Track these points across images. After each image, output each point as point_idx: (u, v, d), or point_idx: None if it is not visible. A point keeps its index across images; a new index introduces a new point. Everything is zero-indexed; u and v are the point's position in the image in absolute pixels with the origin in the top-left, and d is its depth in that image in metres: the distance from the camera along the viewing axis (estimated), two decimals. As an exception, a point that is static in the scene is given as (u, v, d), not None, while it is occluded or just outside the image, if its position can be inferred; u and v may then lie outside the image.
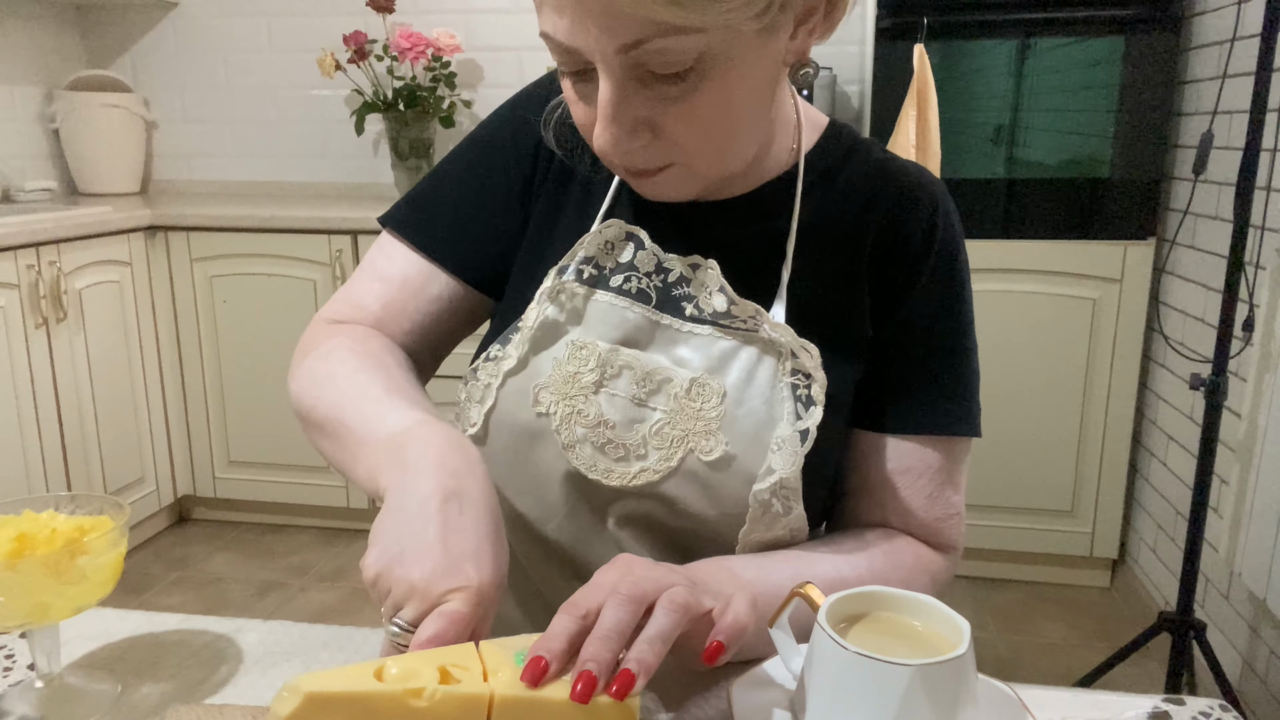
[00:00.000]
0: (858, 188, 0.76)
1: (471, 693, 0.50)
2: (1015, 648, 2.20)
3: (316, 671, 0.50)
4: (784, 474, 0.68)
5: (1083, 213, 2.26)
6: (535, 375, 0.73)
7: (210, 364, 2.68)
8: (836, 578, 0.70)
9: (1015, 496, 2.41)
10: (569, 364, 0.71)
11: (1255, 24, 1.86)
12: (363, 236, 2.52)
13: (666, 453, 0.70)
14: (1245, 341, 1.84)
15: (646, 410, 0.71)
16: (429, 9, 2.93)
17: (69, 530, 0.63)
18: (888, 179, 0.76)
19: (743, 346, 0.71)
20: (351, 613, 2.35)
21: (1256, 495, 1.77)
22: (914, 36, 2.17)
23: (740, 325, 0.71)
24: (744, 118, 0.64)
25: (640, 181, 0.67)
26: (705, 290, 0.72)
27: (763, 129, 0.71)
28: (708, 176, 0.67)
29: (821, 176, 0.76)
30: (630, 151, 0.63)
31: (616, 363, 0.71)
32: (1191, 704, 0.63)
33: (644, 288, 0.73)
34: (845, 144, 0.78)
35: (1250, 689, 1.85)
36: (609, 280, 0.74)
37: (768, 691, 0.59)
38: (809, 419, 0.69)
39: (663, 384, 0.71)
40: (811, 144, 0.78)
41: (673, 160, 0.65)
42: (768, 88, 0.65)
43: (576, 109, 0.65)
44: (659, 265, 0.73)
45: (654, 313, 0.73)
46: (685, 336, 0.72)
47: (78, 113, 2.93)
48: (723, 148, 0.65)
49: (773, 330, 0.70)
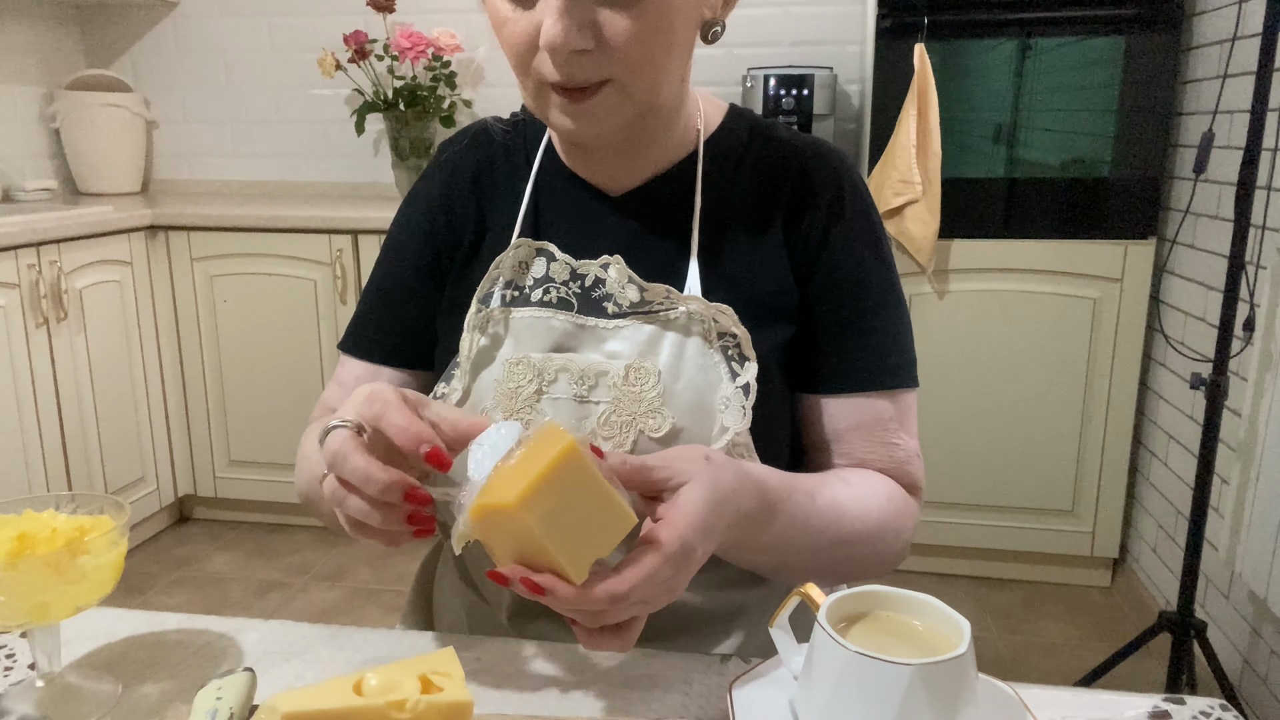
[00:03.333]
0: (763, 165, 0.81)
1: (455, 700, 0.50)
2: (1015, 648, 2.20)
3: (293, 690, 0.49)
4: (736, 428, 0.72)
5: (1083, 212, 2.26)
6: (481, 400, 0.77)
7: (211, 363, 2.68)
8: (844, 490, 0.74)
9: (1015, 496, 2.41)
10: (508, 381, 0.76)
11: (1255, 23, 1.86)
12: (363, 236, 2.52)
13: (618, 439, 0.74)
14: (1246, 341, 1.84)
15: (590, 405, 0.75)
16: (429, 9, 2.93)
17: (69, 530, 0.63)
18: (792, 152, 0.81)
19: (666, 329, 0.75)
20: (352, 612, 2.35)
21: (1257, 495, 1.77)
22: (915, 36, 2.17)
23: (659, 308, 0.76)
24: (677, 43, 0.70)
25: (576, 110, 0.70)
26: (619, 285, 0.77)
27: (682, 69, 0.75)
28: (637, 103, 0.71)
29: (726, 157, 0.81)
30: (572, 58, 0.67)
31: (552, 369, 0.75)
32: (1192, 704, 0.63)
33: (564, 296, 0.78)
34: (747, 125, 0.83)
35: (1250, 689, 1.85)
36: (529, 297, 0.78)
37: (768, 691, 0.59)
38: (746, 374, 0.74)
39: (600, 378, 0.75)
40: (714, 127, 0.83)
41: (610, 75, 0.68)
42: (695, 23, 0.72)
43: (512, 28, 0.69)
44: (573, 273, 0.78)
45: (577, 317, 0.77)
46: (611, 332, 0.76)
47: (78, 112, 2.93)
48: (658, 66, 0.69)
49: (686, 303, 0.74)
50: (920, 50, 2.15)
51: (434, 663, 0.52)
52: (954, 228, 2.27)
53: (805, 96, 2.45)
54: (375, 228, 2.50)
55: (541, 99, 0.71)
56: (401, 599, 2.36)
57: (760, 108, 2.47)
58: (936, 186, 2.19)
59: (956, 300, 2.31)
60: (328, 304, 2.58)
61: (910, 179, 2.19)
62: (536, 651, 0.70)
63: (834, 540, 0.72)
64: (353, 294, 2.56)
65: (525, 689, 0.66)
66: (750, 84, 2.50)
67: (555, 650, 0.70)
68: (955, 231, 2.27)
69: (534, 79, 0.70)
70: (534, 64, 0.69)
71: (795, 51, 2.79)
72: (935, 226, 2.21)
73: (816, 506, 0.71)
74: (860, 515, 0.74)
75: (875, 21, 2.25)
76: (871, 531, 0.75)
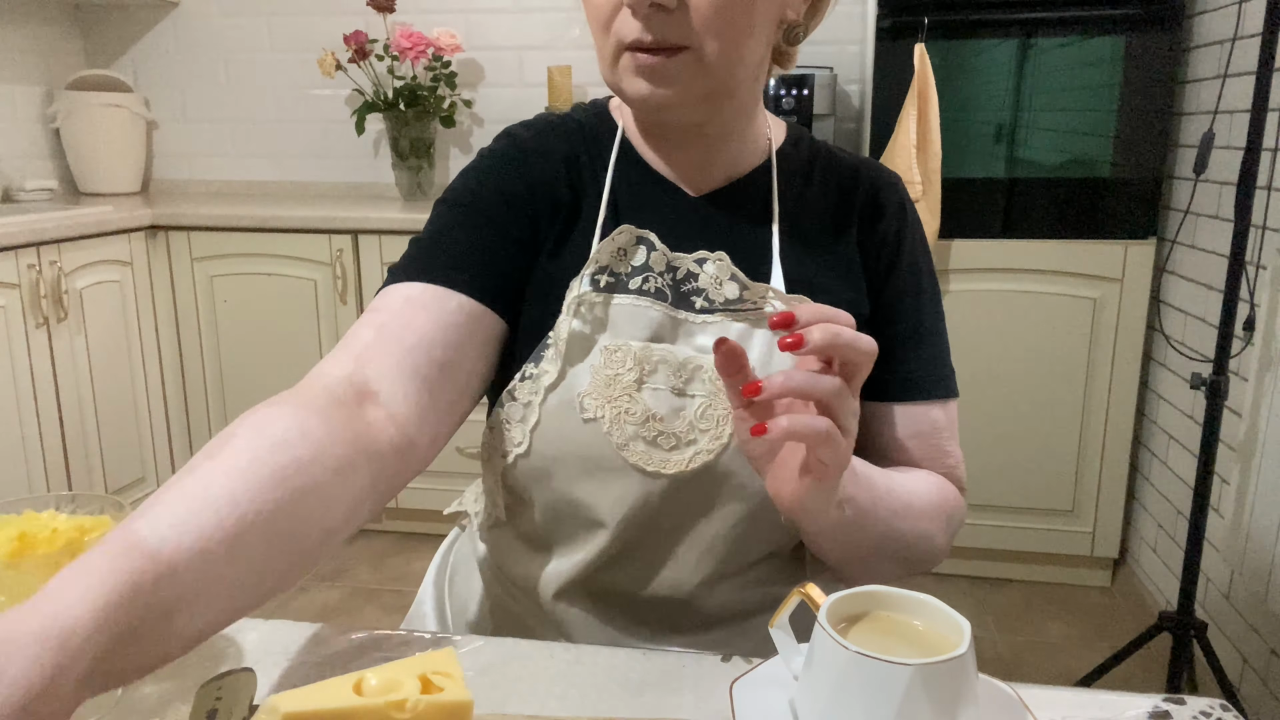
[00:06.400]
0: (830, 177, 0.83)
1: (455, 700, 0.50)
2: (1015, 648, 2.20)
3: (293, 690, 0.49)
4: None
5: (1083, 212, 2.26)
6: (576, 385, 0.75)
7: (211, 364, 2.68)
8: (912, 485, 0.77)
9: (1015, 496, 2.41)
10: (607, 368, 0.75)
11: (1256, 23, 1.86)
12: (363, 236, 2.52)
13: (715, 432, 0.74)
14: (1246, 341, 1.84)
15: (687, 399, 0.75)
16: (429, 9, 2.93)
17: (70, 530, 0.63)
18: (855, 167, 0.84)
19: (755, 326, 0.76)
20: (352, 613, 2.35)
21: (1257, 495, 1.77)
22: (915, 36, 2.17)
23: (750, 307, 0.77)
24: (757, 24, 0.71)
25: (652, 70, 0.70)
26: (715, 281, 0.77)
27: (760, 62, 0.76)
28: (712, 77, 0.71)
29: (796, 169, 0.83)
30: (653, 14, 0.67)
31: (652, 359, 0.75)
32: (1192, 704, 0.63)
33: (660, 286, 0.78)
34: (807, 142, 0.86)
35: (1250, 689, 1.85)
36: (627, 284, 0.77)
37: (768, 691, 0.59)
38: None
39: (695, 371, 0.75)
40: (781, 140, 0.85)
41: (688, 42, 0.69)
42: (775, 16, 0.73)
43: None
44: (668, 264, 0.78)
45: (671, 309, 0.77)
46: (701, 327, 0.77)
47: (78, 112, 2.93)
48: (736, 41, 0.70)
49: (786, 303, 0.75)
50: (920, 50, 2.15)
51: (434, 663, 0.51)
52: (954, 228, 2.27)
53: (805, 96, 2.45)
54: (375, 228, 2.50)
55: (618, 63, 0.71)
56: (401, 599, 2.36)
57: (760, 108, 2.46)
58: (936, 186, 2.19)
59: (956, 300, 2.31)
60: (328, 304, 2.58)
61: (910, 179, 2.19)
62: (537, 651, 0.70)
63: (900, 506, 0.74)
64: (353, 294, 2.56)
65: (525, 689, 0.66)
66: (750, 84, 2.50)
67: (555, 650, 0.70)
68: (955, 231, 2.28)
69: (614, 40, 0.70)
70: (616, 24, 0.70)
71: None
72: (935, 226, 2.21)
73: (883, 474, 0.74)
74: (920, 491, 0.78)
75: (875, 21, 2.25)
76: (932, 506, 0.78)
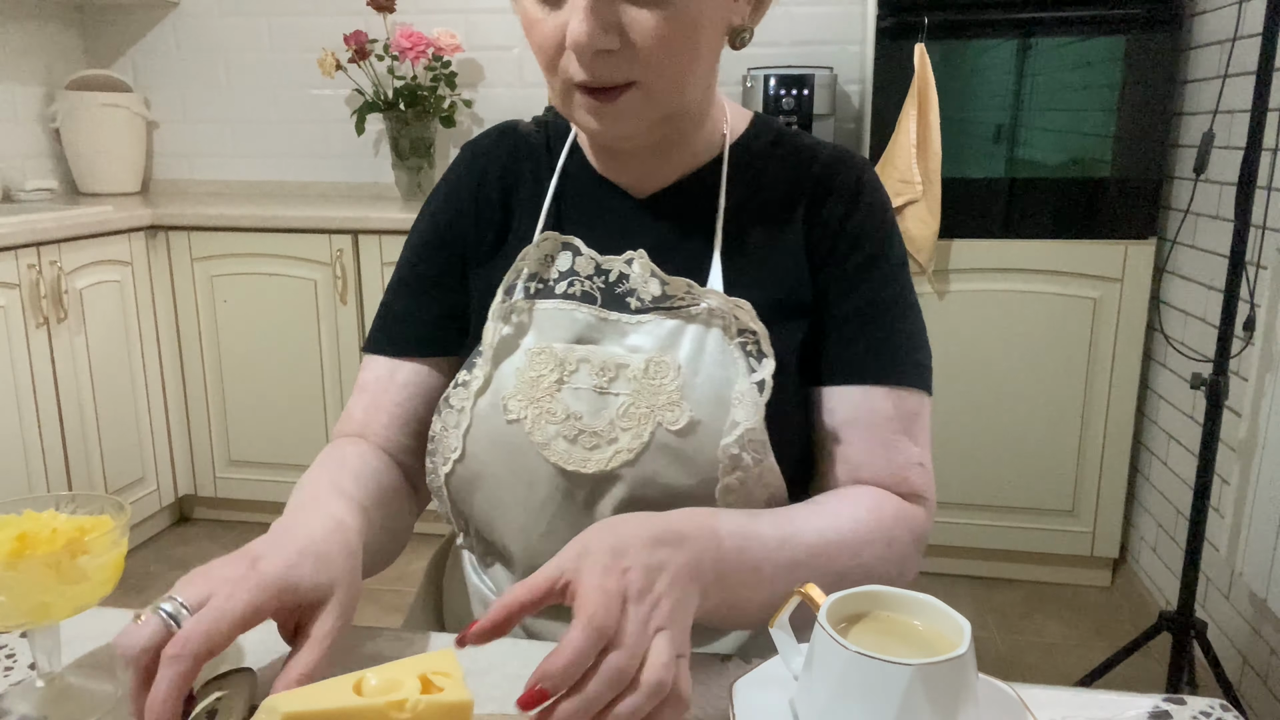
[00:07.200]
0: (786, 165, 0.82)
1: (455, 700, 0.50)
2: (1015, 648, 2.20)
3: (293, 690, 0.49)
4: (748, 424, 0.73)
5: (1083, 212, 2.26)
6: (501, 388, 0.77)
7: (211, 363, 2.68)
8: (823, 528, 0.71)
9: (1015, 496, 2.41)
10: (530, 370, 0.76)
11: (1256, 23, 1.86)
12: (363, 236, 2.52)
13: (636, 430, 0.74)
14: (1246, 341, 1.84)
15: (610, 397, 0.75)
16: (429, 8, 2.93)
17: (70, 530, 0.63)
18: (814, 154, 0.82)
19: (688, 323, 0.76)
20: (352, 612, 2.35)
21: (1257, 495, 1.77)
22: (915, 36, 2.17)
23: (680, 304, 0.77)
24: (703, 47, 0.71)
25: (601, 110, 0.71)
26: (641, 280, 0.78)
27: (709, 74, 0.77)
28: (662, 106, 0.72)
29: (751, 160, 0.82)
30: (597, 58, 0.68)
31: (573, 359, 0.76)
32: (1192, 704, 0.63)
33: (588, 290, 0.79)
34: (772, 132, 0.85)
35: (1251, 689, 1.85)
36: (553, 289, 0.79)
37: (768, 691, 0.59)
38: (763, 370, 0.74)
39: (620, 370, 0.75)
40: (739, 133, 0.84)
41: (634, 78, 0.70)
42: (721, 29, 0.73)
43: (541, 29, 0.70)
44: (598, 268, 0.79)
45: (601, 311, 0.78)
46: (633, 327, 0.77)
47: (78, 112, 2.93)
48: (683, 70, 0.71)
49: (707, 298, 0.75)
50: (920, 50, 2.15)
51: (434, 662, 0.51)
52: (954, 228, 2.27)
53: (805, 96, 2.45)
54: (375, 228, 2.50)
55: (568, 99, 0.72)
56: (401, 599, 2.36)
57: (760, 108, 2.47)
58: (936, 186, 2.19)
59: (956, 300, 2.31)
60: (328, 304, 2.58)
61: (910, 179, 2.19)
62: (537, 651, 0.70)
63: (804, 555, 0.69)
64: (353, 294, 2.56)
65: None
66: (750, 84, 2.50)
67: (555, 650, 0.70)
68: (955, 231, 2.28)
69: (561, 79, 0.71)
70: (561, 64, 0.70)
71: (795, 51, 2.79)
72: (935, 227, 2.21)
73: (763, 519, 0.69)
74: (838, 526, 0.71)
75: (875, 21, 2.25)
76: (859, 536, 0.72)
